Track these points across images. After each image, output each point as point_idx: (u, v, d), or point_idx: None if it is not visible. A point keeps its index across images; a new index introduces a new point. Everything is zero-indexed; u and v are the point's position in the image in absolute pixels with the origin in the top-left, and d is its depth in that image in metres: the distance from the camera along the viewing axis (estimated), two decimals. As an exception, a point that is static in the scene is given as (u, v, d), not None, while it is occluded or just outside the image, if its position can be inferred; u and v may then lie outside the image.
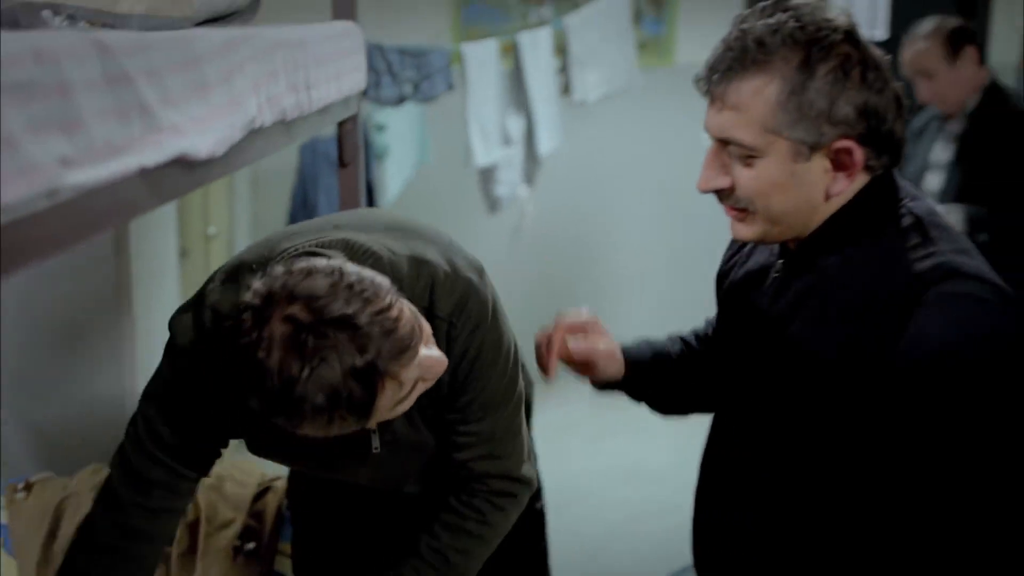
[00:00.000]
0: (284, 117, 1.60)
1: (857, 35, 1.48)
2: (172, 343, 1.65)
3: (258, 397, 1.38)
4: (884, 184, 1.53)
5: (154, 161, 1.13)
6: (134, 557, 1.75)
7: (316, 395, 1.35)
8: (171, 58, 1.20)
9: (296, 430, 1.42)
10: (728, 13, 5.38)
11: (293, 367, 1.34)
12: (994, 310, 1.42)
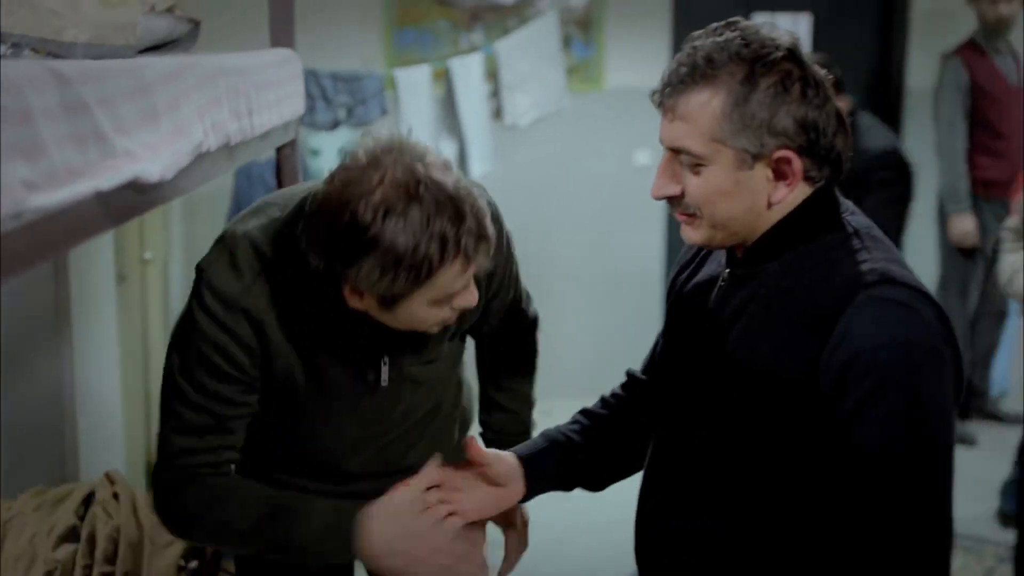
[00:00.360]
0: (228, 142, 1.65)
1: (799, 54, 1.57)
2: (210, 289, 1.70)
3: (343, 230, 1.52)
4: (825, 196, 1.62)
5: (109, 185, 1.18)
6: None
7: (397, 237, 1.50)
8: (123, 86, 1.25)
9: (356, 276, 1.55)
10: (654, 38, 5.51)
11: (395, 204, 1.50)
12: (918, 318, 1.50)
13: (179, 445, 1.74)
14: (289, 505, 1.74)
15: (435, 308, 1.63)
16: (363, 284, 1.56)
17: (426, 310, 1.62)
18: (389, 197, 1.50)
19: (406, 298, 1.59)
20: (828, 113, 1.57)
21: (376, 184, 1.51)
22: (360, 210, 1.50)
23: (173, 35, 2.00)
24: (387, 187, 1.50)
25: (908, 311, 1.50)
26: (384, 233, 1.50)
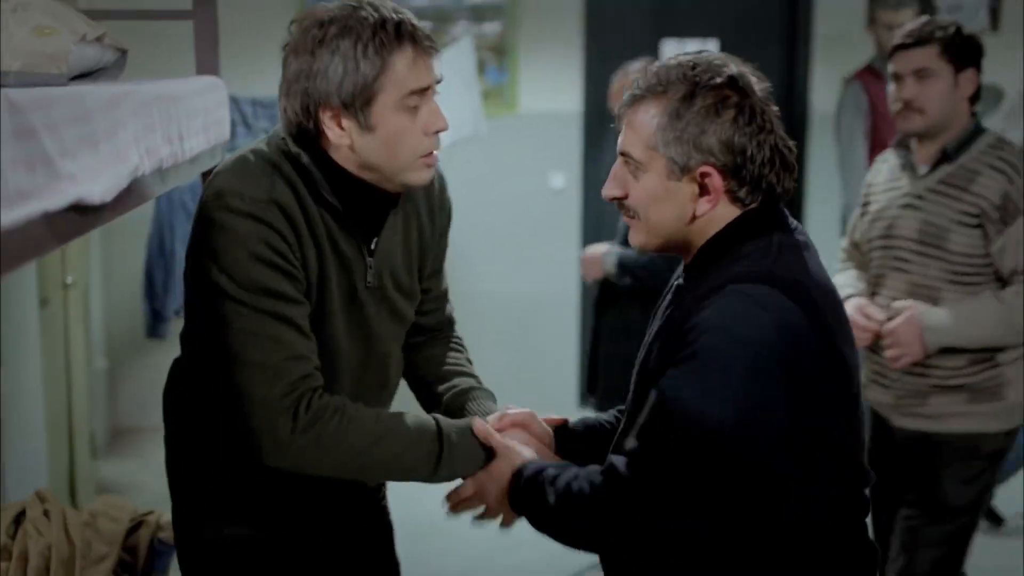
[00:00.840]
0: (161, 166, 1.73)
1: (742, 83, 1.72)
2: (238, 196, 1.77)
3: (305, 50, 1.76)
4: (756, 217, 1.74)
5: (55, 206, 1.25)
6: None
7: (348, 25, 1.74)
8: (66, 113, 1.32)
9: (327, 87, 1.75)
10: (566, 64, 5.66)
11: (341, 13, 1.76)
12: (759, 317, 1.62)
13: (291, 370, 1.76)
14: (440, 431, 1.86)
15: (407, 116, 1.78)
16: (332, 89, 1.73)
17: (399, 119, 1.77)
18: (335, 14, 1.76)
19: (376, 101, 1.75)
20: (760, 142, 1.71)
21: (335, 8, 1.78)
22: (326, 14, 1.76)
23: (102, 63, 2.07)
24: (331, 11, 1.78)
25: (753, 308, 1.63)
26: (347, 17, 1.75)
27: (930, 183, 2.84)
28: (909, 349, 2.76)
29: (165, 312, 4.34)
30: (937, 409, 2.86)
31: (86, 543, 2.35)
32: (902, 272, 2.87)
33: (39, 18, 1.90)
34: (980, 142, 2.83)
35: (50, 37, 1.87)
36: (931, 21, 2.85)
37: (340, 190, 1.83)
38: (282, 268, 1.77)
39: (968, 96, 2.84)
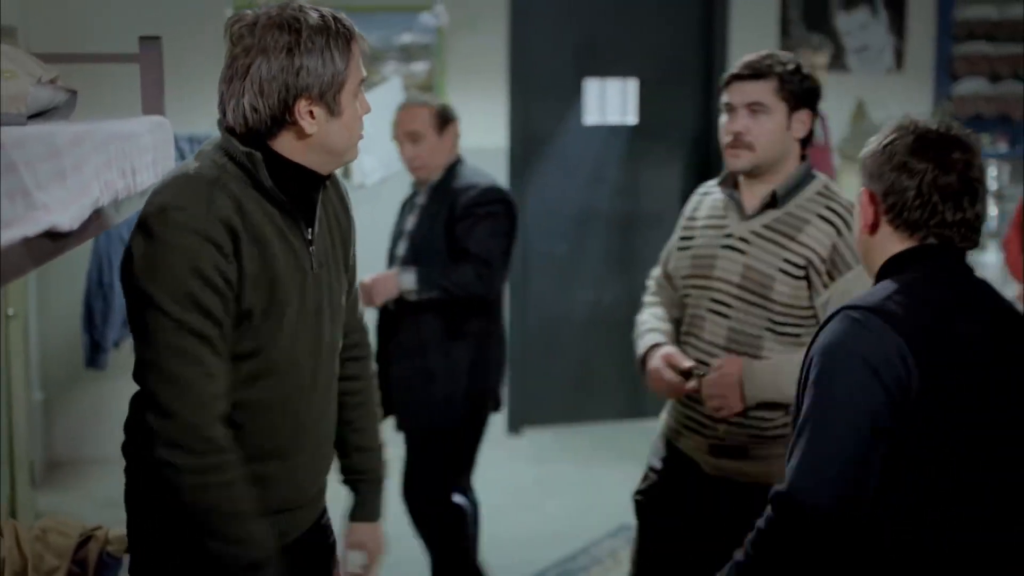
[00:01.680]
0: (116, 198, 1.88)
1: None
2: (175, 209, 1.88)
3: (280, 46, 1.91)
4: (908, 253, 2.04)
5: (32, 233, 1.42)
6: None
7: (314, 21, 1.93)
8: (40, 150, 1.48)
9: (308, 78, 1.93)
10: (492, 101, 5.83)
11: (309, 11, 1.95)
12: (861, 331, 1.91)
13: (202, 388, 1.88)
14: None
15: (356, 101, 2.00)
16: (314, 81, 1.93)
17: (353, 104, 1.98)
18: (291, 15, 1.94)
19: (344, 85, 1.95)
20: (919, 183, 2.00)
21: (269, 8, 1.96)
22: (280, 17, 1.93)
23: (54, 103, 2.21)
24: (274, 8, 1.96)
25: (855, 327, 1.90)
26: (309, 18, 1.93)
27: (756, 227, 2.74)
28: (727, 402, 2.65)
29: (104, 343, 4.43)
30: (757, 461, 2.74)
31: (38, 556, 2.47)
32: (722, 316, 2.75)
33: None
34: (809, 188, 2.74)
35: (11, 80, 2.01)
36: (771, 55, 2.73)
37: (282, 182, 1.99)
38: (217, 287, 1.88)
39: (800, 138, 2.75)
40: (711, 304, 2.76)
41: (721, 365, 2.66)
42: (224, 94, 2.00)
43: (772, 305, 2.67)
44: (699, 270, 2.81)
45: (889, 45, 6.48)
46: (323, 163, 2.04)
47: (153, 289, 1.87)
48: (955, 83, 6.54)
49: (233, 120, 1.98)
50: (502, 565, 4.28)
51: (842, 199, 2.73)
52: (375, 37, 5.75)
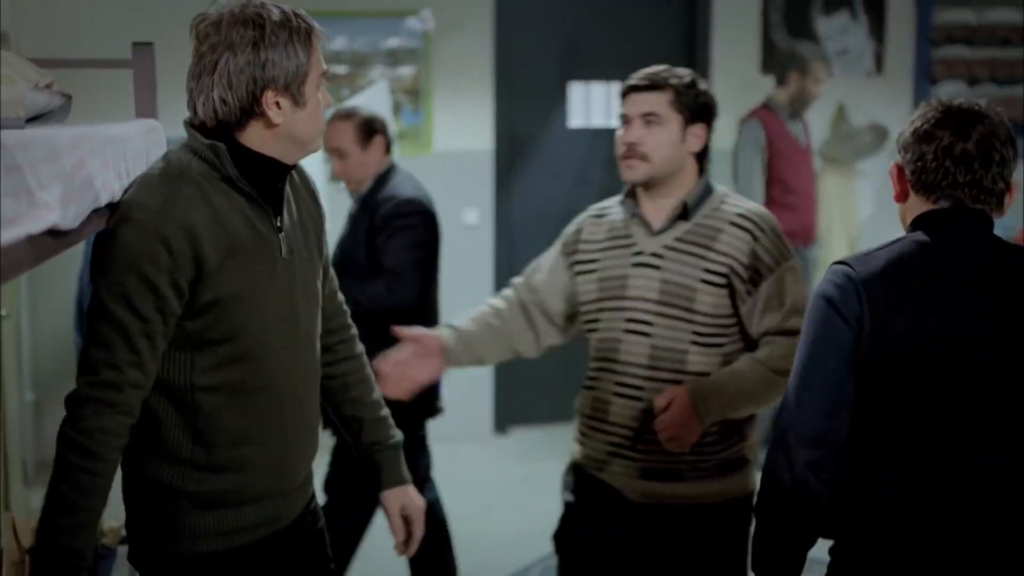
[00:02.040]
0: (113, 199, 1.95)
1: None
2: (136, 207, 1.98)
3: (246, 41, 2.02)
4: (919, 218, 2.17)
5: (36, 230, 1.49)
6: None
7: (275, 17, 2.04)
8: (42, 152, 1.55)
9: (273, 71, 2.03)
10: (477, 106, 5.91)
11: (270, 7, 2.06)
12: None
13: (104, 372, 1.98)
14: None
15: (319, 93, 2.11)
16: (279, 73, 2.03)
17: (316, 96, 2.09)
18: (254, 12, 2.04)
19: (307, 76, 2.07)
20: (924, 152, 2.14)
21: (231, 6, 2.06)
22: (243, 14, 2.03)
23: (50, 107, 2.27)
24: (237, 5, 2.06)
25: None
26: (272, 14, 2.04)
27: (668, 241, 2.69)
28: (688, 433, 2.56)
29: (95, 343, 4.49)
30: (688, 484, 2.69)
31: (34, 547, 2.53)
32: (642, 335, 2.68)
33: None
34: (713, 199, 2.72)
35: (9, 85, 2.08)
36: (669, 68, 2.71)
37: (249, 174, 2.08)
38: (153, 285, 1.98)
39: (695, 152, 2.72)
40: (628, 324, 2.70)
41: (672, 399, 2.56)
42: (193, 91, 2.09)
43: (696, 317, 2.64)
44: (609, 292, 2.74)
45: (869, 49, 6.60)
46: (289, 153, 2.13)
47: (98, 277, 2.00)
48: (934, 86, 6.65)
49: (204, 114, 2.08)
50: (488, 563, 4.35)
51: (748, 205, 2.74)
52: (363, 41, 5.84)
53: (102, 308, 1.99)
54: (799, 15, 6.48)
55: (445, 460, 5.77)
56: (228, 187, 2.07)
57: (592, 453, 2.78)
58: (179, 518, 2.11)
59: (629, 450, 2.70)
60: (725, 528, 2.74)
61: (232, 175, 2.06)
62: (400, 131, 5.95)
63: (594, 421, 2.77)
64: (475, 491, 4.30)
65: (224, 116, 2.06)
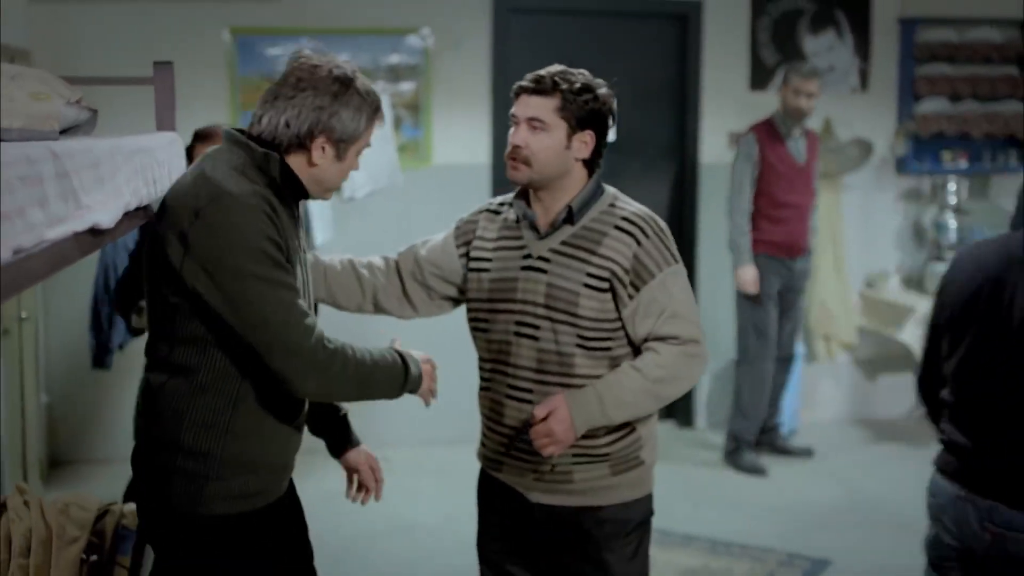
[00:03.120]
0: (141, 203, 2.17)
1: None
2: (239, 199, 2.24)
3: (331, 90, 2.33)
4: None
5: (80, 228, 1.70)
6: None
7: (364, 86, 2.39)
8: (85, 160, 1.77)
9: (339, 123, 2.34)
10: (475, 121, 6.10)
11: (360, 77, 2.40)
12: None
13: (308, 323, 2.27)
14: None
15: (356, 162, 2.44)
16: (339, 127, 2.33)
17: (352, 161, 2.43)
18: (347, 73, 2.35)
19: (357, 141, 2.39)
20: None
21: (333, 61, 2.37)
22: (339, 72, 2.34)
23: (79, 121, 2.49)
24: (338, 63, 2.37)
25: None
26: (358, 83, 2.36)
27: (554, 244, 2.67)
28: (563, 440, 2.57)
29: (110, 344, 4.68)
30: (581, 484, 2.69)
31: (61, 527, 2.73)
32: (530, 339, 2.67)
33: (33, 85, 2.30)
34: (601, 202, 2.69)
35: (44, 101, 2.29)
36: (562, 72, 2.65)
37: (288, 185, 2.38)
38: (280, 245, 2.27)
39: (583, 158, 2.67)
40: (517, 328, 2.69)
41: (551, 411, 2.57)
42: (266, 104, 2.38)
43: (580, 321, 2.62)
44: (500, 294, 2.73)
45: (854, 66, 6.74)
46: (312, 189, 2.45)
47: (242, 262, 2.23)
48: (917, 103, 6.81)
49: (264, 127, 2.37)
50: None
51: (634, 208, 2.70)
52: (365, 58, 6.00)
53: (254, 279, 2.22)
54: (787, 34, 6.64)
55: (447, 462, 5.96)
56: (270, 190, 2.33)
57: (490, 454, 2.82)
58: (206, 481, 2.32)
59: (523, 452, 2.70)
60: (621, 530, 2.73)
61: (277, 181, 2.34)
62: (401, 144, 6.14)
63: (491, 422, 2.80)
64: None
65: (280, 136, 2.35)
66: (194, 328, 2.29)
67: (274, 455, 2.42)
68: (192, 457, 2.32)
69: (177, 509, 2.35)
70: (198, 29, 5.91)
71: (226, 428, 2.32)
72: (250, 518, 2.38)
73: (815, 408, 6.89)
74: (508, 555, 2.85)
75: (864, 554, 4.87)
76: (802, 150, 5.95)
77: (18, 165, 1.48)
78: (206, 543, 2.36)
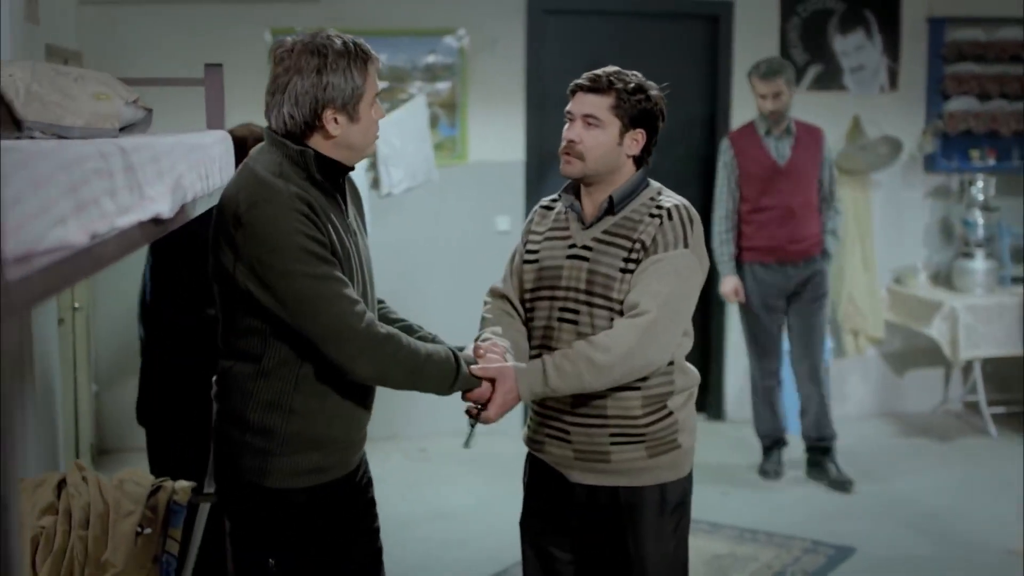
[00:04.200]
0: (196, 196, 2.33)
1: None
2: (275, 195, 2.39)
3: (311, 67, 2.43)
4: None
5: (144, 218, 1.86)
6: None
7: (338, 45, 2.44)
8: (147, 155, 1.93)
9: (333, 91, 2.44)
10: (510, 119, 6.23)
11: (325, 37, 2.47)
12: None
13: (359, 310, 2.41)
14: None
15: (373, 110, 2.52)
16: (337, 94, 2.43)
17: (370, 112, 2.51)
18: (320, 43, 2.44)
19: (362, 97, 2.47)
20: None
21: (304, 37, 2.47)
22: (312, 44, 2.43)
23: (135, 119, 2.65)
24: (308, 36, 2.47)
25: None
26: (334, 46, 2.43)
27: (596, 234, 2.80)
28: (501, 405, 2.67)
29: (158, 335, 4.84)
30: (619, 465, 2.78)
31: (117, 501, 2.90)
32: (571, 324, 2.78)
33: (95, 86, 2.46)
34: (643, 194, 2.81)
35: (106, 101, 2.45)
36: (617, 73, 2.78)
37: (322, 169, 2.49)
38: (321, 241, 2.40)
39: (633, 155, 2.81)
40: (560, 314, 2.81)
41: (497, 376, 2.67)
42: (268, 104, 2.52)
43: (614, 305, 2.73)
44: (547, 282, 2.84)
45: (883, 66, 6.83)
46: (347, 157, 2.56)
47: (289, 264, 2.37)
48: (946, 101, 6.88)
49: (276, 124, 2.51)
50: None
51: (674, 200, 2.81)
52: (402, 58, 6.15)
53: (301, 276, 2.37)
54: (816, 34, 6.74)
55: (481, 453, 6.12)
56: (309, 183, 2.46)
57: (534, 435, 2.93)
58: (272, 457, 2.49)
59: (563, 433, 2.82)
60: (658, 511, 2.82)
61: (315, 175, 2.47)
62: (437, 142, 6.26)
63: (536, 405, 2.90)
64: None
65: (291, 128, 2.47)
66: (253, 321, 2.46)
67: (338, 433, 2.55)
68: (259, 434, 2.48)
69: (246, 481, 2.51)
70: (240, 30, 6.07)
71: (289, 408, 2.48)
72: (316, 492, 2.52)
73: (844, 402, 6.99)
74: (549, 534, 2.96)
75: (888, 543, 4.98)
76: (785, 150, 5.66)
77: (93, 159, 1.64)
78: (273, 513, 2.53)
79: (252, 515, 2.57)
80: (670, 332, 2.72)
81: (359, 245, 2.60)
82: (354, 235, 2.59)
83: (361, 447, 2.67)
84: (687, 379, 2.85)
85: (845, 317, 6.81)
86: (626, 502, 2.81)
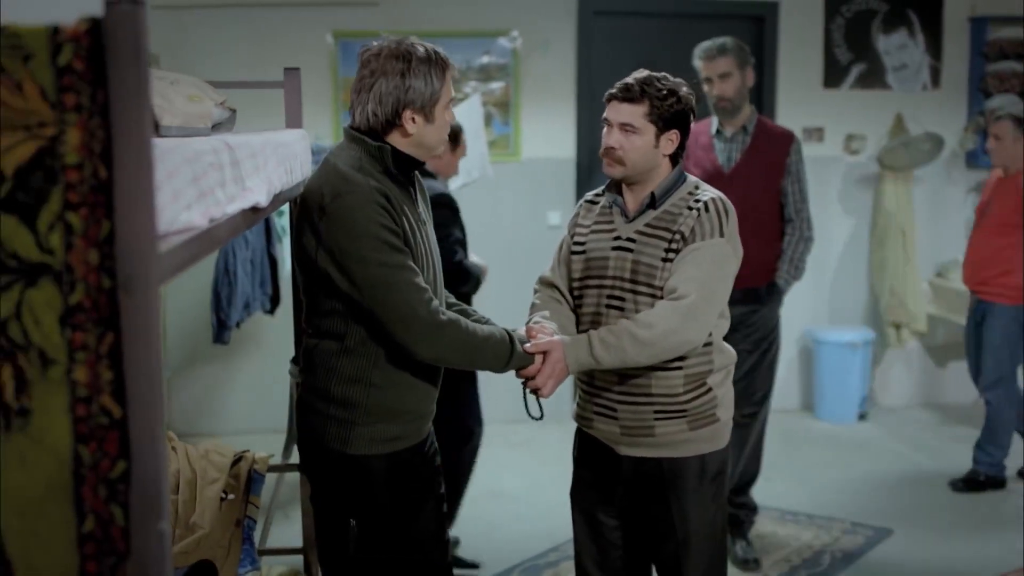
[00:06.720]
0: (282, 188, 2.58)
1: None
2: (355, 191, 2.62)
3: (398, 70, 2.67)
4: None
5: (246, 206, 2.10)
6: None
7: (420, 51, 2.68)
8: (247, 151, 2.17)
9: (413, 93, 2.68)
10: (561, 117, 6.45)
11: (411, 42, 2.70)
12: None
13: (424, 296, 2.62)
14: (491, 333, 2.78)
15: (446, 113, 2.75)
16: (417, 97, 2.67)
17: (444, 115, 2.74)
18: (404, 49, 2.67)
19: (439, 100, 2.70)
20: None
21: (391, 42, 2.70)
22: (398, 50, 2.66)
23: (222, 119, 2.90)
24: (396, 42, 2.70)
25: None
26: (417, 52, 2.66)
27: (639, 226, 2.96)
28: (554, 376, 2.87)
29: (229, 322, 5.08)
30: (662, 438, 2.96)
31: (203, 469, 3.15)
32: (617, 310, 2.95)
33: (189, 89, 2.70)
34: (682, 189, 2.98)
35: (198, 103, 2.70)
36: (648, 79, 2.93)
37: (397, 163, 2.73)
38: (396, 231, 2.63)
39: (669, 154, 2.97)
40: (608, 300, 2.98)
41: (547, 349, 2.87)
42: (354, 101, 2.77)
43: (657, 292, 2.90)
44: (594, 271, 3.02)
45: (926, 64, 6.97)
46: (419, 153, 2.79)
47: (367, 251, 2.61)
48: (987, 99, 6.98)
49: (360, 120, 2.75)
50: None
51: (708, 192, 2.97)
52: (458, 59, 6.23)
53: (376, 264, 2.60)
54: (860, 33, 6.89)
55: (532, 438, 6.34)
56: (385, 176, 2.70)
57: (583, 412, 3.12)
58: (355, 426, 2.74)
59: (610, 410, 3.01)
60: (700, 480, 3.00)
61: (391, 169, 2.71)
62: (491, 140, 6.45)
63: (584, 384, 3.10)
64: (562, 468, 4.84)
65: (373, 124, 2.72)
66: (334, 303, 2.70)
67: (412, 405, 2.79)
68: (342, 406, 2.73)
69: (330, 449, 2.77)
70: (304, 33, 6.32)
71: (369, 382, 2.73)
72: (392, 459, 2.77)
73: (887, 392, 7.15)
74: (598, 502, 3.16)
75: (925, 525, 5.16)
76: (734, 153, 4.64)
77: (209, 154, 1.89)
78: (354, 478, 2.78)
79: (335, 480, 2.82)
80: (707, 314, 2.88)
81: (427, 235, 2.83)
82: (424, 224, 2.82)
83: (430, 419, 2.91)
84: (724, 358, 3.02)
85: (888, 310, 6.96)
86: (669, 472, 3.00)
